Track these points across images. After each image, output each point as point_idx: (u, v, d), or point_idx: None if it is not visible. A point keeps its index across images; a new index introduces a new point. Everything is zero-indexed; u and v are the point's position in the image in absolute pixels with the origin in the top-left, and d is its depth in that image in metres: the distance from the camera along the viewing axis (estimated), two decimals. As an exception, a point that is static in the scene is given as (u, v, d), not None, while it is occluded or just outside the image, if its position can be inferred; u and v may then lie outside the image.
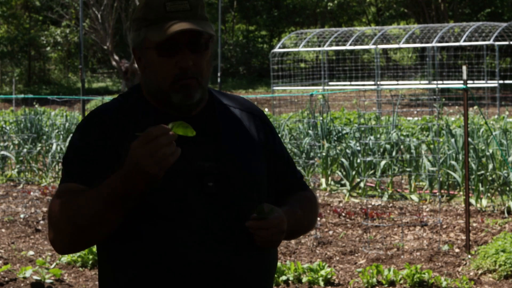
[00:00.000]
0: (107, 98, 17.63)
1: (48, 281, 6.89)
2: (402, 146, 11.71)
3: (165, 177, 2.33)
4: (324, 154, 11.37)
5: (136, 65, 25.98)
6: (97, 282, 7.01)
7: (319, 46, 27.27)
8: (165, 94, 2.41)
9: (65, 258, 7.55)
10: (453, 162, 10.24)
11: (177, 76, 2.38)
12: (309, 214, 2.62)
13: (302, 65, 33.91)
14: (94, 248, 7.45)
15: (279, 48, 26.55)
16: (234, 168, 2.44)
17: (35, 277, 6.93)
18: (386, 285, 6.71)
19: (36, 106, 18.76)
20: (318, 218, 9.13)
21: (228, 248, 2.40)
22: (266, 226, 2.39)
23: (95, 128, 2.41)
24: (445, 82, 25.97)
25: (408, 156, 11.01)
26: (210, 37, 2.42)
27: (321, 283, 6.79)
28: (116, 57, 30.46)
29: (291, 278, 6.87)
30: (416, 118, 19.52)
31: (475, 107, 19.45)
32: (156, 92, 2.43)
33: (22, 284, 6.90)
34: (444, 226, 8.65)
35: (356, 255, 7.74)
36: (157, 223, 2.37)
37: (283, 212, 2.45)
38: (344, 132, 13.66)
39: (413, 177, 10.58)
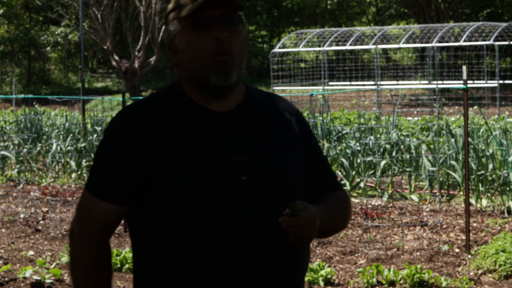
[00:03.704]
0: (107, 98, 17.64)
1: (48, 281, 6.89)
2: (402, 146, 11.71)
3: (199, 171, 2.37)
4: (324, 154, 11.37)
5: (136, 65, 25.71)
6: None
7: (319, 46, 27.27)
8: (203, 75, 2.42)
9: (65, 258, 7.55)
10: (453, 162, 10.24)
11: (214, 50, 2.41)
12: (342, 213, 2.63)
13: (302, 65, 33.90)
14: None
15: (279, 48, 26.55)
16: (268, 163, 2.46)
17: (35, 277, 6.93)
18: (386, 285, 6.71)
19: (36, 106, 18.76)
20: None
21: (260, 243, 2.41)
22: (298, 223, 2.40)
23: (125, 131, 2.44)
24: (445, 82, 25.97)
25: (408, 156, 11.01)
26: (241, 19, 2.49)
27: (321, 283, 6.79)
28: (116, 57, 30.46)
29: (291, 278, 6.86)
30: (416, 118, 19.52)
31: (475, 107, 19.45)
32: (195, 74, 2.45)
33: (22, 284, 6.90)
34: (444, 226, 8.66)
35: (356, 255, 7.74)
36: (191, 216, 2.39)
37: (317, 211, 2.46)
38: (344, 132, 13.67)
39: (413, 177, 10.58)
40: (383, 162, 10.76)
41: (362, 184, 10.61)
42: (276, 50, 26.32)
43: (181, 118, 2.43)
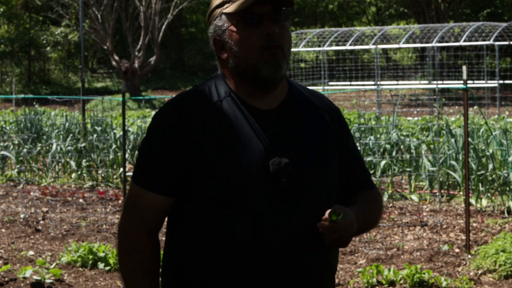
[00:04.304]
0: (107, 98, 17.63)
1: (48, 281, 6.89)
2: (402, 146, 11.71)
3: (242, 169, 2.39)
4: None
5: (136, 65, 25.54)
6: (97, 282, 7.01)
7: (319, 46, 27.28)
8: (254, 68, 2.44)
9: (65, 258, 7.55)
10: (453, 162, 10.24)
11: (265, 44, 2.43)
12: (374, 213, 2.66)
13: (302, 65, 33.91)
14: (94, 249, 7.45)
15: (279, 48, 26.50)
16: (308, 165, 2.47)
17: (35, 277, 6.93)
18: (386, 285, 6.71)
19: (36, 106, 18.76)
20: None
21: (295, 243, 2.43)
22: (337, 229, 2.43)
23: (174, 122, 2.45)
24: (445, 82, 25.97)
25: (408, 156, 11.01)
26: (288, 15, 2.51)
27: (321, 283, 6.78)
28: (116, 57, 30.46)
29: (291, 278, 6.86)
30: (416, 118, 19.52)
31: (475, 107, 19.45)
32: (245, 69, 2.46)
33: (22, 284, 6.90)
34: (444, 226, 8.66)
35: (356, 255, 7.74)
36: (229, 215, 2.41)
37: (353, 213, 2.49)
38: (344, 132, 13.64)
39: (413, 177, 10.58)
40: (383, 162, 10.76)
41: (362, 184, 10.59)
42: (276, 50, 26.28)
43: (227, 113, 2.45)
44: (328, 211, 2.43)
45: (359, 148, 11.14)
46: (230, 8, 2.46)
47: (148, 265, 2.50)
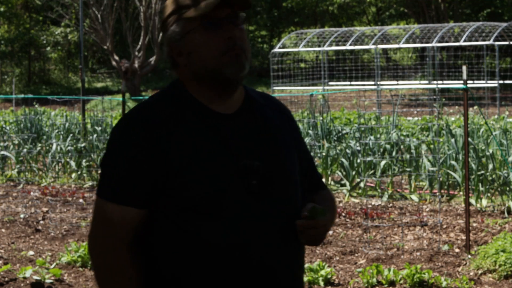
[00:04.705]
0: (107, 98, 17.63)
1: (48, 281, 6.89)
2: (402, 146, 11.71)
3: (213, 175, 2.38)
4: (324, 154, 11.38)
5: (136, 65, 25.53)
6: (97, 282, 7.00)
7: (319, 46, 27.27)
8: (216, 71, 2.43)
9: (65, 258, 7.55)
10: (453, 162, 10.24)
11: (226, 48, 2.43)
12: (332, 212, 2.67)
13: (302, 65, 33.90)
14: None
15: (279, 48, 26.55)
16: (277, 167, 2.48)
17: (35, 277, 6.93)
18: (386, 285, 6.71)
19: (36, 106, 18.77)
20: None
21: (272, 246, 2.44)
22: (315, 225, 2.46)
23: (142, 131, 2.41)
24: (445, 82, 25.97)
25: (408, 156, 11.01)
26: (244, 18, 2.50)
27: (321, 283, 6.79)
28: (116, 57, 30.45)
29: (291, 278, 6.85)
30: (416, 118, 19.52)
31: (475, 107, 19.45)
32: (206, 73, 2.45)
33: (22, 284, 6.90)
34: (444, 226, 8.66)
35: (356, 255, 7.74)
36: (202, 219, 2.39)
37: None
38: (344, 132, 13.67)
39: (413, 177, 10.57)
40: (383, 162, 10.76)
41: (362, 184, 10.61)
42: (276, 50, 26.32)
43: (190, 119, 2.43)
44: (307, 209, 2.45)
45: (358, 148, 11.14)
46: (189, 13, 2.44)
47: (135, 280, 2.45)
